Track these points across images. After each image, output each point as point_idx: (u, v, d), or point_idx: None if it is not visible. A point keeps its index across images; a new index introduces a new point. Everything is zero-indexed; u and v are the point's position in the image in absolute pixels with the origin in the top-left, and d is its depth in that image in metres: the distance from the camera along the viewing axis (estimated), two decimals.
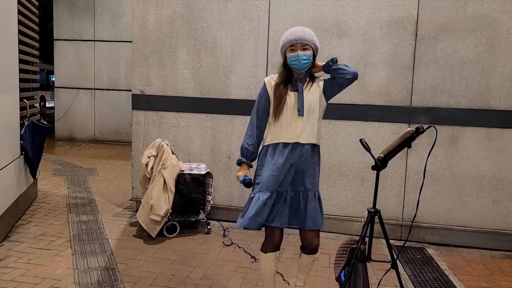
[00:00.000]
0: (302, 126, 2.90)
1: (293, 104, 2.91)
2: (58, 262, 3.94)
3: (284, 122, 2.91)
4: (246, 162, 3.02)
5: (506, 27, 4.46)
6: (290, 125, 2.90)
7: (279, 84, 2.95)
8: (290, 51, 2.88)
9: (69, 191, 6.40)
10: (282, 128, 2.92)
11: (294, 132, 2.90)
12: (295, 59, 2.87)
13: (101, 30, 11.44)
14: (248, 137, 3.01)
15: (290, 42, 2.88)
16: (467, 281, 3.90)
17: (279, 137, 2.93)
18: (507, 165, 4.58)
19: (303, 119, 2.90)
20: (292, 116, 2.90)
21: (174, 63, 5.21)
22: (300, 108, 2.90)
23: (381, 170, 2.78)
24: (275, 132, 2.95)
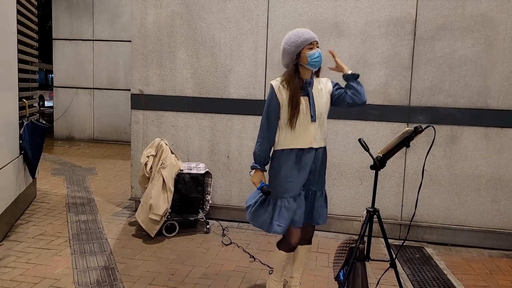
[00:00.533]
0: (314, 131, 2.98)
1: (305, 110, 2.95)
2: (57, 261, 3.95)
3: (298, 129, 2.95)
4: (261, 168, 3.06)
5: (504, 26, 4.47)
6: (304, 131, 2.96)
7: (294, 92, 2.92)
8: (309, 49, 2.90)
9: (68, 191, 6.40)
10: (296, 134, 2.96)
11: (308, 138, 2.97)
12: (317, 56, 2.90)
13: (100, 30, 11.44)
14: (260, 143, 3.04)
15: (308, 40, 2.90)
16: (465, 280, 3.91)
17: (294, 143, 2.98)
18: (505, 165, 4.59)
19: (316, 124, 2.98)
20: (305, 122, 2.95)
21: (173, 62, 5.21)
22: (313, 114, 2.96)
23: (380, 170, 2.79)
24: (289, 138, 2.99)
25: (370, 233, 2.84)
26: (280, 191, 3.00)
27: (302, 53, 2.91)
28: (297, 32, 2.94)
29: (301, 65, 2.95)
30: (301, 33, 2.92)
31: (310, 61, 2.90)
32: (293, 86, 2.92)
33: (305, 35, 2.91)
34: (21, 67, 5.16)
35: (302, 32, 2.93)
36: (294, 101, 2.91)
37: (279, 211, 2.99)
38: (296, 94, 2.92)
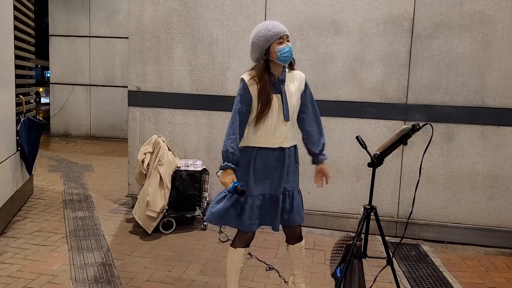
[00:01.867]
0: (286, 131, 2.88)
1: (278, 108, 2.84)
2: (54, 258, 3.94)
3: (269, 127, 2.84)
4: (232, 167, 2.77)
5: (502, 25, 4.48)
6: (275, 131, 2.85)
7: (264, 86, 2.78)
8: (279, 44, 2.75)
9: (65, 187, 6.39)
10: (267, 133, 2.85)
11: (279, 138, 2.87)
12: (287, 50, 2.77)
13: (97, 26, 11.39)
14: (232, 140, 2.77)
15: (278, 34, 2.75)
16: (461, 277, 3.93)
17: (263, 142, 2.86)
18: (501, 163, 4.61)
19: (288, 123, 2.88)
20: (277, 121, 2.84)
21: (171, 59, 5.20)
22: (286, 113, 2.85)
23: (377, 167, 2.80)
24: (258, 136, 2.87)
25: (367, 230, 2.85)
26: (250, 189, 2.87)
27: (271, 48, 2.75)
28: (267, 26, 2.78)
29: (271, 60, 2.80)
30: (270, 27, 2.77)
31: (280, 56, 2.75)
32: (263, 82, 2.77)
33: (275, 28, 2.75)
34: (17, 64, 5.15)
35: (272, 26, 2.77)
36: (264, 97, 2.77)
37: (251, 209, 2.87)
38: (266, 89, 2.77)
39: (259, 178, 2.89)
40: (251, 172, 2.89)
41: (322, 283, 3.70)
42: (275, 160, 2.90)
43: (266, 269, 3.90)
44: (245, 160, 2.90)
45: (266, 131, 2.84)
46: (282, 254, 4.24)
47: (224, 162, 2.77)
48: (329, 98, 4.86)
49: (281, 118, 2.84)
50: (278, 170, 2.91)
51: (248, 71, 2.89)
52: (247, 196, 2.86)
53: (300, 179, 5.01)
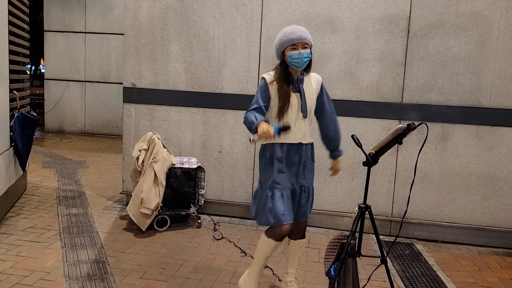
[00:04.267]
0: (305, 127, 3.04)
1: (297, 106, 2.99)
2: (47, 254, 3.92)
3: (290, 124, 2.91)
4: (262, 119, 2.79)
5: (497, 25, 4.50)
6: (294, 127, 2.96)
7: (282, 84, 2.96)
8: (292, 49, 2.92)
9: (58, 184, 6.36)
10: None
11: (298, 134, 3.01)
12: (297, 57, 2.91)
13: (92, 22, 11.33)
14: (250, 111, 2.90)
15: (291, 41, 2.91)
16: (454, 276, 3.95)
17: (284, 138, 2.95)
18: (495, 163, 4.63)
19: (306, 120, 3.03)
20: (297, 118, 2.99)
21: (166, 56, 5.18)
22: (304, 110, 3.00)
23: (372, 166, 2.80)
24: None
25: (362, 229, 2.86)
26: (272, 183, 3.01)
27: (285, 52, 2.95)
28: (286, 30, 2.96)
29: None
30: (288, 32, 2.94)
31: (290, 61, 2.93)
32: (281, 80, 2.97)
33: (291, 35, 2.91)
34: (12, 59, 5.11)
35: (290, 32, 2.94)
36: (283, 95, 2.94)
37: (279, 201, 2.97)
38: (284, 87, 2.95)
39: (282, 172, 3.02)
40: (275, 166, 3.03)
41: (316, 282, 3.70)
42: (294, 155, 3.04)
43: None
44: (268, 156, 3.06)
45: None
46: (276, 253, 4.22)
47: (252, 126, 2.77)
48: None
49: (300, 116, 3.00)
50: (296, 164, 3.05)
51: (270, 71, 3.08)
52: (274, 188, 3.00)
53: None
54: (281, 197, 2.99)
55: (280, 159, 3.02)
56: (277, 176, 3.01)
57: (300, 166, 3.06)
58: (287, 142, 3.00)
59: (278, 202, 2.97)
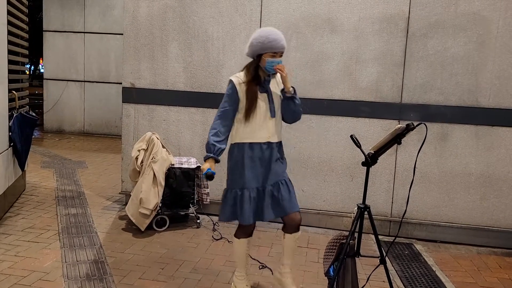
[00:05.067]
0: (272, 127, 3.13)
1: (265, 106, 3.09)
2: (46, 255, 3.92)
3: (257, 123, 3.08)
4: (214, 157, 3.05)
5: (496, 25, 4.50)
6: (262, 127, 3.09)
7: (251, 85, 3.05)
8: (271, 56, 2.99)
9: (57, 184, 6.36)
10: (255, 128, 3.09)
11: (266, 133, 3.11)
12: (275, 64, 3.00)
13: (91, 22, 11.32)
14: (213, 133, 3.08)
15: (273, 50, 2.97)
16: (453, 276, 3.95)
17: (252, 137, 3.09)
18: (494, 163, 4.63)
19: (274, 120, 3.13)
20: (265, 118, 3.09)
21: (165, 56, 5.18)
22: (272, 110, 3.11)
23: (371, 166, 2.80)
24: (247, 132, 3.10)
25: (361, 229, 2.86)
26: (241, 182, 3.10)
27: (263, 56, 3.00)
28: (270, 35, 2.98)
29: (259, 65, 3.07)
30: (272, 39, 2.97)
31: (267, 66, 3.01)
32: (251, 82, 3.05)
33: (275, 43, 2.97)
34: (10, 59, 5.10)
35: (273, 38, 2.97)
36: (251, 94, 3.04)
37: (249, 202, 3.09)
38: (253, 89, 3.05)
39: (253, 171, 3.11)
40: (246, 167, 3.09)
41: (315, 282, 3.70)
42: (263, 153, 3.12)
43: (259, 267, 3.89)
44: (239, 156, 3.12)
45: (255, 127, 3.08)
46: (275, 253, 4.24)
47: (206, 153, 3.08)
48: (324, 96, 4.87)
49: (268, 115, 3.10)
50: (265, 163, 3.14)
51: (237, 73, 3.16)
52: (243, 189, 3.09)
53: (295, 178, 5.03)
54: (249, 198, 3.08)
55: (250, 158, 3.10)
56: (247, 176, 3.09)
57: (271, 164, 3.13)
58: (255, 142, 3.09)
59: (246, 203, 3.08)
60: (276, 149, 3.17)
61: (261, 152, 3.11)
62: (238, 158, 3.12)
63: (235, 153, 3.14)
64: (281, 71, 3.02)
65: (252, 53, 3.06)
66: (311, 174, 4.97)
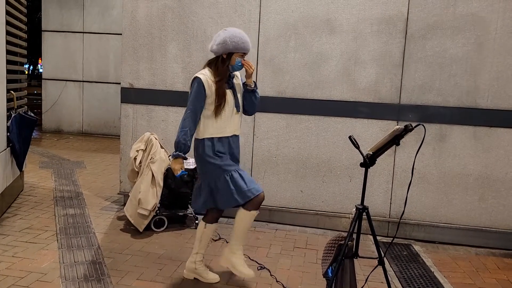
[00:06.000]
0: (238, 121, 3.40)
1: (232, 102, 3.32)
2: (44, 255, 3.91)
3: (225, 119, 3.29)
4: (182, 155, 3.28)
5: (494, 26, 4.50)
6: (229, 121, 3.32)
7: (221, 83, 3.25)
8: (240, 56, 3.27)
9: (56, 184, 6.35)
10: (225, 123, 3.30)
11: (233, 127, 3.36)
12: (241, 65, 3.29)
13: (90, 22, 11.31)
14: (184, 133, 3.23)
15: (245, 50, 3.26)
16: (452, 277, 3.95)
17: (222, 132, 3.31)
18: (493, 164, 4.63)
19: (239, 114, 3.40)
20: (232, 113, 3.32)
21: (164, 56, 5.18)
22: (237, 105, 3.36)
23: (370, 167, 2.80)
24: (217, 127, 3.29)
25: (359, 230, 2.85)
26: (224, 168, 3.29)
27: (234, 55, 3.25)
28: (243, 37, 3.24)
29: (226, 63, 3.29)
30: (244, 40, 3.23)
31: (235, 65, 3.28)
32: (220, 79, 3.24)
33: (246, 45, 3.24)
34: (9, 59, 5.09)
35: (245, 41, 3.24)
36: (221, 92, 3.22)
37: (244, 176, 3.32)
38: (223, 86, 3.25)
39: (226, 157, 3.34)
40: (217, 158, 3.30)
41: (314, 283, 3.69)
42: (231, 146, 3.37)
43: (257, 268, 3.89)
44: (208, 150, 3.30)
45: (224, 122, 3.29)
46: (274, 254, 4.24)
47: (175, 151, 3.27)
48: (323, 97, 4.87)
49: (234, 110, 3.34)
50: (233, 155, 3.40)
51: (201, 71, 3.34)
52: (230, 171, 3.29)
53: (294, 178, 5.04)
54: (240, 176, 3.28)
55: (221, 151, 3.30)
56: (225, 161, 3.31)
57: (236, 155, 3.42)
58: (225, 136, 3.32)
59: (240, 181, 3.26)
60: (238, 141, 3.47)
61: (229, 145, 3.34)
62: (209, 151, 3.29)
63: (205, 147, 3.29)
64: (249, 67, 3.28)
65: (223, 51, 3.23)
66: (309, 174, 4.97)
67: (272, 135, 4.98)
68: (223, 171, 3.28)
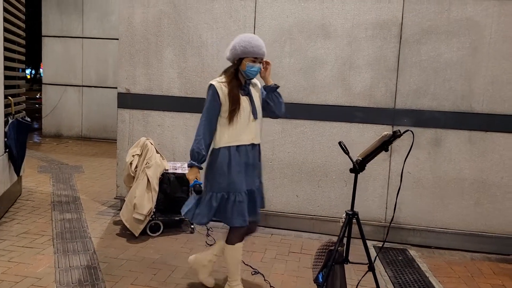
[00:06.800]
0: (255, 129, 3.23)
1: (248, 108, 3.17)
2: (39, 260, 3.93)
3: (241, 126, 3.14)
4: (198, 165, 3.16)
5: (489, 31, 4.51)
6: (245, 129, 3.16)
7: (232, 87, 3.12)
8: (251, 61, 3.10)
9: (54, 189, 6.36)
10: (239, 131, 3.15)
11: (250, 135, 3.19)
12: (254, 70, 3.12)
13: (90, 27, 11.36)
14: (198, 141, 3.13)
15: (254, 55, 3.08)
16: (447, 283, 3.94)
17: (237, 140, 3.15)
18: (488, 168, 4.63)
19: (256, 122, 3.24)
20: (248, 120, 3.17)
21: (160, 62, 5.20)
22: (254, 112, 3.20)
23: (359, 173, 2.81)
24: (232, 135, 3.15)
25: (349, 236, 2.86)
26: (227, 186, 3.15)
27: (244, 61, 3.10)
28: (252, 40, 3.09)
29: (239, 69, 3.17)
30: (254, 45, 3.08)
31: (246, 70, 3.12)
32: (232, 84, 3.13)
33: (256, 48, 3.08)
34: (6, 65, 5.12)
35: (255, 45, 3.08)
36: (233, 97, 3.10)
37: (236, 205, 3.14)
38: (235, 91, 3.11)
39: (239, 175, 3.16)
40: (232, 170, 3.14)
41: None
42: (248, 155, 3.21)
43: (252, 273, 3.90)
44: (224, 160, 3.15)
45: (239, 129, 3.14)
46: (269, 258, 4.24)
47: (190, 160, 3.16)
48: (318, 102, 4.88)
49: (251, 118, 3.18)
50: (251, 165, 3.24)
51: (217, 78, 3.24)
52: (230, 192, 3.14)
53: (290, 182, 5.06)
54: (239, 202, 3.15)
55: (237, 162, 3.15)
56: (234, 180, 3.15)
57: (256, 165, 3.28)
58: (241, 144, 3.17)
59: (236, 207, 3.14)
60: (257, 151, 3.31)
61: (247, 154, 3.19)
62: (223, 162, 3.14)
63: (220, 157, 3.15)
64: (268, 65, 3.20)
65: (233, 57, 3.15)
66: (305, 179, 4.98)
67: (268, 140, 4.99)
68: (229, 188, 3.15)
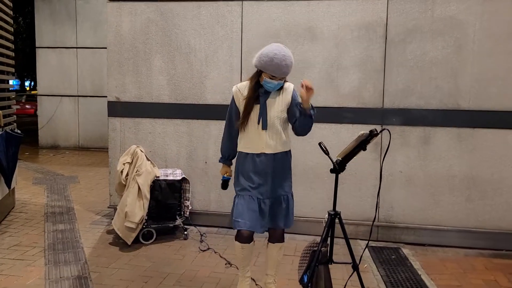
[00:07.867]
0: (266, 138, 3.09)
1: (255, 118, 3.09)
2: (30, 272, 3.93)
3: (251, 135, 3.12)
4: (225, 162, 3.40)
5: (473, 29, 4.53)
6: (254, 138, 3.11)
7: (249, 96, 3.08)
8: (270, 78, 2.98)
9: (48, 200, 6.37)
10: (249, 139, 3.14)
11: (259, 144, 3.11)
12: (272, 86, 3.02)
13: (83, 37, 11.42)
14: (222, 142, 3.37)
15: (272, 73, 2.95)
16: (439, 280, 3.94)
17: (248, 148, 3.15)
18: (477, 165, 4.64)
19: (267, 132, 3.09)
20: (257, 130, 3.10)
21: (149, 69, 5.22)
22: (264, 123, 3.07)
23: (340, 173, 2.82)
24: (245, 142, 3.18)
25: (333, 236, 2.87)
26: (239, 189, 3.18)
27: (263, 73, 3.02)
28: (274, 58, 2.90)
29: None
30: (274, 63, 2.90)
31: (264, 84, 3.04)
32: (248, 94, 3.10)
33: (275, 68, 2.92)
34: None
35: (276, 64, 2.90)
36: (246, 106, 3.10)
37: (237, 207, 3.13)
38: (249, 100, 3.09)
39: (249, 180, 3.13)
40: (244, 175, 3.17)
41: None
42: (260, 164, 3.12)
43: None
44: (240, 163, 3.22)
45: (248, 137, 3.13)
46: (261, 262, 4.24)
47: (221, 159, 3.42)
48: None
49: (260, 127, 3.08)
50: (264, 174, 3.12)
51: (243, 82, 3.22)
52: (239, 194, 3.17)
53: None
54: (244, 205, 3.10)
55: (246, 168, 3.15)
56: (244, 184, 3.15)
57: (268, 176, 3.13)
58: (251, 152, 3.14)
59: (239, 208, 3.11)
60: (280, 159, 3.16)
61: (257, 163, 3.10)
62: (238, 164, 3.23)
63: (239, 160, 3.24)
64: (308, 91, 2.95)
65: (256, 66, 3.04)
66: (297, 181, 4.95)
67: None
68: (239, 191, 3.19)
